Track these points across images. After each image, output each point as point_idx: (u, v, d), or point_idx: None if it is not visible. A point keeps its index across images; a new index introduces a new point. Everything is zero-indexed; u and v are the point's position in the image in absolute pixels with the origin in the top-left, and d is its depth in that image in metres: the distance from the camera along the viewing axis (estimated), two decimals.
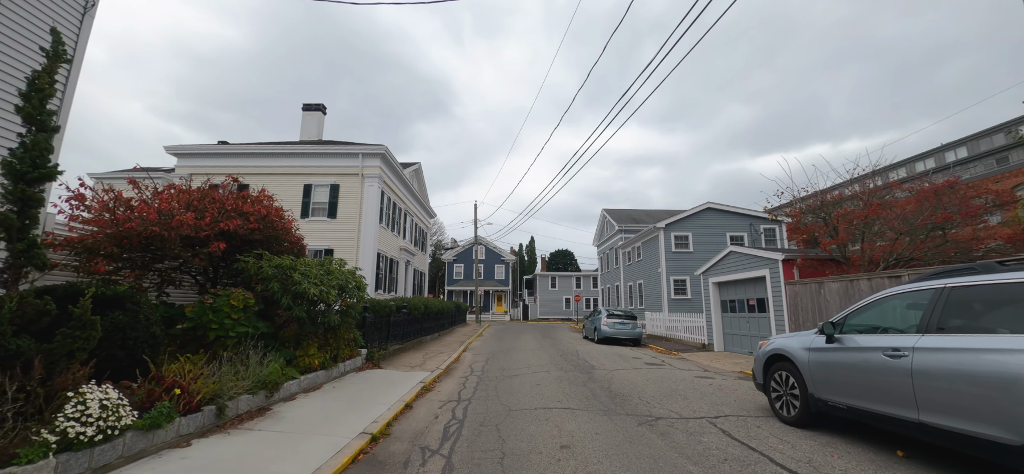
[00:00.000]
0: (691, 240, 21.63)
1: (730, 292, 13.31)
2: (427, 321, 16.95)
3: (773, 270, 10.87)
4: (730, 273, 12.96)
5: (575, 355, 12.63)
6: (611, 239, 32.74)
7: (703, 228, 21.83)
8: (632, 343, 16.69)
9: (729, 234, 21.89)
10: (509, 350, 14.31)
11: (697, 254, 21.51)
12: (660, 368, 10.07)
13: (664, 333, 19.01)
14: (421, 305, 15.24)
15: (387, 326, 11.78)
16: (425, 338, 16.38)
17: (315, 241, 19.60)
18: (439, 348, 14.62)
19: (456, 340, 17.92)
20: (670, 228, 21.72)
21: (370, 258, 19.40)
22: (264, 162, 20.53)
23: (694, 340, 15.66)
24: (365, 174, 20.12)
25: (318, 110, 22.84)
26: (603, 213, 34.90)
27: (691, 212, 21.90)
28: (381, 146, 20.16)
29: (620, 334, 16.13)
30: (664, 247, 21.49)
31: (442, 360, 11.73)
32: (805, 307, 9.70)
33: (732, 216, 22.09)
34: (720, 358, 11.94)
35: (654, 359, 11.93)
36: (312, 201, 20.12)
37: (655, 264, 22.70)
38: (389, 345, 11.83)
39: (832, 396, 4.45)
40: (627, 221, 30.93)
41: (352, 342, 9.05)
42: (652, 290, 23.32)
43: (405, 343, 13.48)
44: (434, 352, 13.46)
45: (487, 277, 49.43)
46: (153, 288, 7.11)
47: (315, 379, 7.45)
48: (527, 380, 8.60)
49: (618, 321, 16.35)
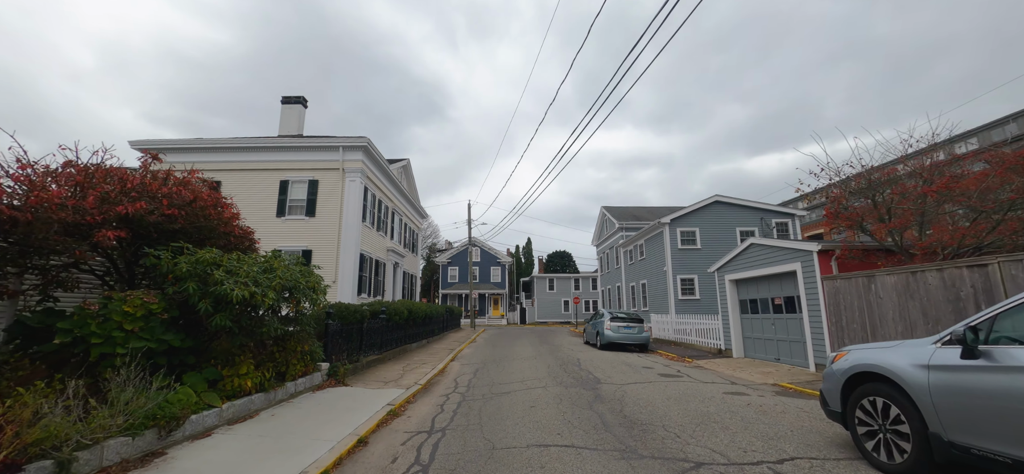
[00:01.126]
0: (699, 236, 20.12)
1: (751, 290, 11.77)
2: (412, 327, 15.34)
3: (806, 263, 9.34)
4: (751, 269, 11.43)
5: (577, 365, 11.05)
6: (611, 238, 31.23)
7: (711, 223, 20.33)
8: (639, 349, 15.13)
9: (739, 229, 20.40)
10: (502, 359, 12.72)
11: (705, 251, 20.00)
12: (678, 381, 8.50)
13: (672, 337, 17.47)
14: (404, 310, 13.64)
15: (359, 334, 10.18)
16: (410, 347, 14.78)
17: (291, 242, 18.01)
18: (424, 358, 13.02)
19: (445, 348, 16.32)
20: (676, 223, 20.21)
21: (351, 259, 17.80)
22: (237, 157, 18.92)
23: (708, 344, 14.11)
24: (346, 168, 18.55)
25: (298, 103, 21.24)
26: (602, 211, 33.39)
27: (698, 206, 20.40)
28: (363, 138, 18.60)
29: (626, 339, 14.56)
30: (669, 244, 19.98)
31: (424, 373, 10.14)
32: (849, 306, 8.16)
33: (742, 210, 20.60)
34: (743, 366, 10.39)
35: (668, 368, 10.36)
36: (289, 198, 18.52)
37: (660, 262, 21.17)
38: (362, 356, 10.22)
39: (982, 442, 2.89)
40: (628, 218, 29.42)
41: (307, 355, 7.45)
42: (657, 290, 21.78)
43: (384, 353, 11.88)
44: (417, 363, 11.86)
45: (483, 280, 47.80)
46: (33, 291, 5.49)
47: (249, 405, 5.85)
48: (520, 400, 7.02)
49: (623, 325, 14.78)
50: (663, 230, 20.41)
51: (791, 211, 20.69)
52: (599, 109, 10.00)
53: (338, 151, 18.65)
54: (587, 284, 46.54)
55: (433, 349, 15.62)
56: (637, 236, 24.42)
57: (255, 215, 18.60)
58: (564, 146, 12.11)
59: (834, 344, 8.54)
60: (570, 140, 12.02)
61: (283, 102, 21.50)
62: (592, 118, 8.68)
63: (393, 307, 12.88)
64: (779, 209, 20.64)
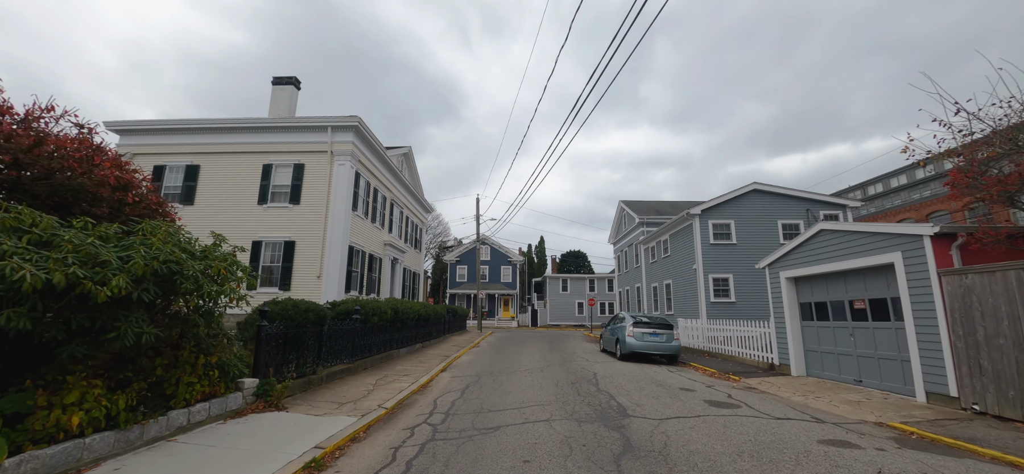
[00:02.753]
0: (734, 229, 17.49)
1: (817, 290, 9.23)
2: (401, 330, 13.21)
3: (912, 253, 6.83)
4: (819, 262, 8.90)
5: (593, 382, 8.70)
6: (630, 234, 28.65)
7: (749, 214, 17.66)
8: (667, 360, 12.66)
9: (781, 221, 17.69)
10: (503, 370, 10.45)
11: (742, 247, 17.36)
12: (738, 414, 6.10)
13: (703, 346, 14.93)
14: (387, 310, 11.50)
15: (318, 339, 8.05)
16: (397, 353, 12.65)
17: (273, 232, 16.14)
18: (410, 367, 10.85)
19: (440, 354, 14.14)
20: (707, 215, 17.61)
21: (338, 252, 15.81)
22: (217, 139, 17.17)
23: (753, 357, 11.57)
24: (335, 151, 16.59)
25: (290, 84, 19.34)
26: (621, 206, 30.81)
27: (733, 195, 17.76)
28: (354, 118, 16.62)
29: (651, 349, 12.11)
30: (700, 238, 17.40)
31: (399, 389, 7.96)
32: (991, 312, 5.64)
33: (784, 199, 17.88)
34: (813, 389, 7.90)
35: (714, 391, 7.93)
36: (272, 184, 16.66)
37: (688, 259, 18.59)
38: (321, 367, 8.09)
39: None
40: (649, 213, 26.82)
41: (213, 370, 5.32)
42: (684, 291, 19.19)
43: (358, 361, 9.75)
44: (398, 374, 9.69)
45: (492, 279, 45.61)
46: None
47: (76, 454, 3.72)
48: (511, 443, 4.75)
49: (648, 331, 12.34)
50: (692, 223, 17.84)
51: (843, 202, 17.87)
52: (608, 88, 7.70)
53: (326, 132, 16.72)
54: (603, 285, 43.90)
55: (425, 355, 13.45)
56: (660, 231, 21.85)
57: (235, 202, 16.81)
58: (567, 122, 9.81)
59: (960, 365, 6.03)
60: (573, 114, 9.70)
61: (274, 83, 19.69)
62: (593, 97, 6.44)
63: (372, 306, 10.75)
64: (829, 199, 17.85)
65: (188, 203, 16.57)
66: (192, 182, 16.81)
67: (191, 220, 16.87)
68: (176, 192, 16.72)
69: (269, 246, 16.04)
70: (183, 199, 16.60)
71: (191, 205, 16.56)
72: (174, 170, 17.04)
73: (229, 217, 16.27)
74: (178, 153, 17.17)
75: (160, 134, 17.31)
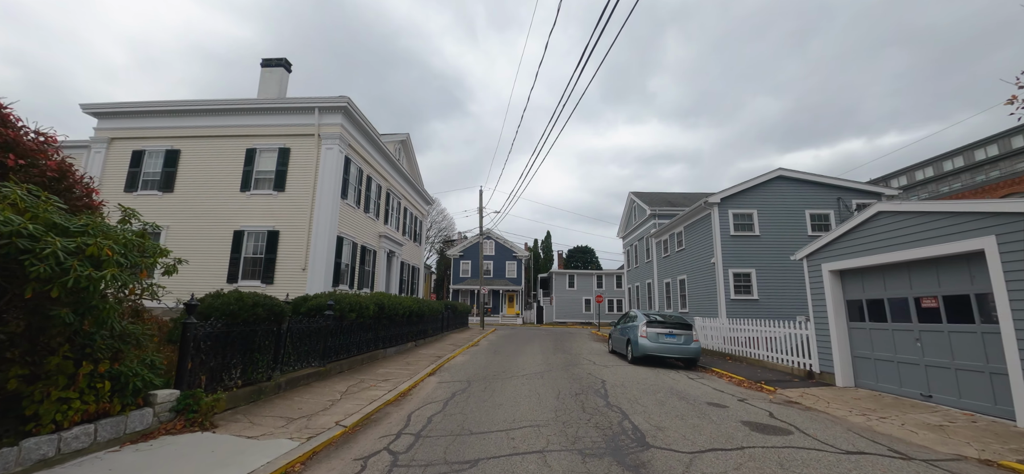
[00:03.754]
0: (756, 219, 15.95)
1: (870, 285, 7.75)
2: (389, 327, 11.97)
3: (1013, 236, 5.36)
4: (873, 252, 7.43)
5: (601, 393, 7.34)
6: (641, 227, 27.13)
7: (773, 203, 16.10)
8: (685, 364, 11.26)
9: (809, 211, 16.10)
10: (498, 375, 9.14)
11: (766, 239, 15.83)
12: (789, 442, 4.72)
13: (723, 347, 13.49)
14: (371, 305, 10.25)
15: (275, 340, 6.80)
16: (384, 352, 11.42)
17: (256, 221, 14.98)
18: (394, 369, 9.59)
19: (433, 354, 12.89)
20: (727, 204, 16.09)
21: (325, 242, 14.62)
22: (199, 122, 16.05)
23: (784, 362, 10.12)
24: (322, 134, 15.37)
25: (280, 66, 18.09)
26: (630, 197, 29.27)
27: (756, 182, 16.21)
28: (343, 98, 15.39)
29: (668, 351, 10.70)
30: (719, 229, 15.89)
31: (371, 399, 6.69)
32: None
33: (812, 187, 16.28)
34: (873, 405, 6.46)
35: (749, 406, 6.53)
36: (255, 170, 15.49)
37: (705, 252, 17.09)
38: (278, 373, 6.85)
39: None
40: (661, 204, 25.27)
41: (103, 382, 4.06)
42: (701, 288, 17.70)
43: (333, 363, 8.52)
44: (377, 378, 8.43)
45: (497, 275, 44.34)
46: None
47: None
48: None
49: (663, 331, 10.93)
50: (710, 212, 16.32)
51: (879, 190, 16.23)
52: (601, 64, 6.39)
53: (313, 114, 15.50)
54: (611, 282, 42.39)
55: (415, 356, 12.19)
56: (674, 223, 20.34)
57: (216, 190, 15.65)
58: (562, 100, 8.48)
59: None
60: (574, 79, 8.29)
61: (263, 65, 18.48)
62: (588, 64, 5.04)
63: (351, 301, 9.49)
64: (864, 186, 16.22)
65: (167, 190, 15.51)
66: (172, 168, 15.72)
67: (170, 209, 15.80)
68: (155, 179, 15.66)
69: (252, 236, 14.89)
70: (162, 186, 15.54)
71: (171, 192, 15.49)
72: (153, 155, 15.95)
73: (210, 205, 15.18)
74: (158, 137, 16.08)
75: (140, 117, 16.23)
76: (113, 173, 15.96)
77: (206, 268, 14.58)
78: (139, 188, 15.71)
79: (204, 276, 14.44)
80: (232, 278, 14.50)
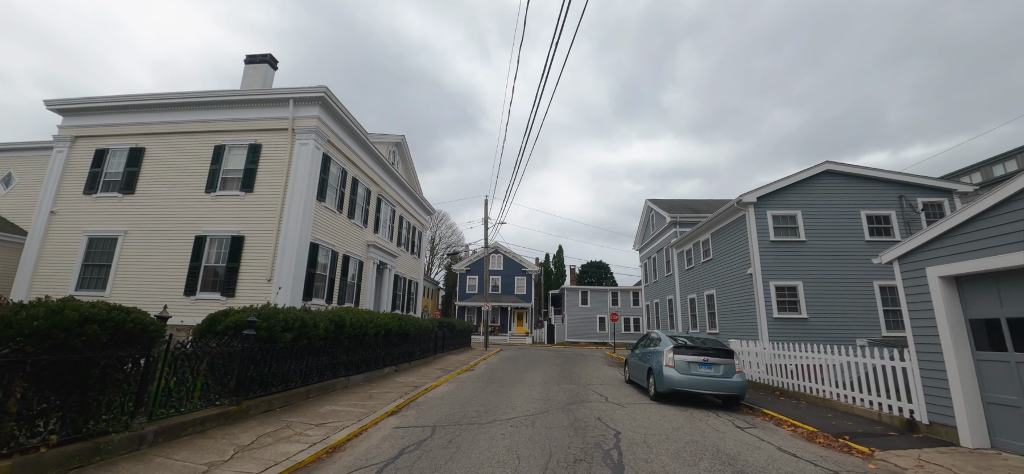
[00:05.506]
0: (801, 221, 13.38)
1: (1011, 297, 5.26)
2: (355, 349, 9.82)
3: None
4: (1018, 247, 4.98)
5: (612, 454, 4.98)
6: (660, 237, 24.58)
7: (820, 202, 13.53)
8: (724, 403, 8.72)
9: (865, 212, 13.46)
10: (474, 419, 6.83)
11: (813, 245, 13.22)
12: None
13: (764, 378, 10.91)
14: (321, 322, 8.13)
15: (143, 370, 4.69)
16: (348, 381, 9.24)
17: (221, 225, 13.17)
18: (344, 407, 7.36)
19: (411, 383, 10.65)
20: (765, 203, 13.57)
21: (295, 249, 12.69)
22: (166, 117, 14.50)
23: (866, 405, 7.53)
24: (297, 128, 13.60)
25: (264, 63, 16.52)
26: (648, 205, 26.79)
27: (799, 177, 13.67)
28: (320, 88, 13.64)
29: (703, 386, 8.20)
30: (756, 233, 13.37)
31: (277, 457, 4.48)
32: None
33: (868, 183, 13.65)
34: None
35: None
36: (223, 169, 13.76)
37: (739, 262, 14.54)
38: (153, 417, 4.71)
39: None
40: (683, 211, 22.75)
41: None
42: (734, 304, 15.08)
43: (253, 400, 6.38)
44: (310, 422, 6.22)
45: (505, 291, 41.99)
46: None
47: None
48: None
49: (695, 359, 8.45)
50: (745, 213, 13.82)
51: (950, 186, 13.51)
52: None
53: (288, 106, 13.76)
54: (627, 299, 39.56)
55: (387, 386, 9.96)
56: (699, 229, 17.83)
57: (181, 191, 13.88)
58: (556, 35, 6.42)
59: None
60: None
61: (247, 62, 16.98)
62: None
63: (289, 318, 7.38)
64: (932, 182, 13.54)
65: (128, 192, 13.88)
66: (135, 168, 14.11)
67: (129, 212, 14.09)
68: (116, 180, 14.09)
69: (215, 242, 13.06)
70: (124, 188, 13.94)
71: (132, 194, 13.87)
72: (116, 154, 14.41)
73: (173, 207, 13.48)
74: (123, 134, 14.57)
75: (105, 113, 14.78)
76: (74, 175, 14.49)
77: (164, 278, 12.82)
78: (98, 190, 14.14)
79: (161, 288, 12.66)
80: (190, 290, 12.64)
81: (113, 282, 13.17)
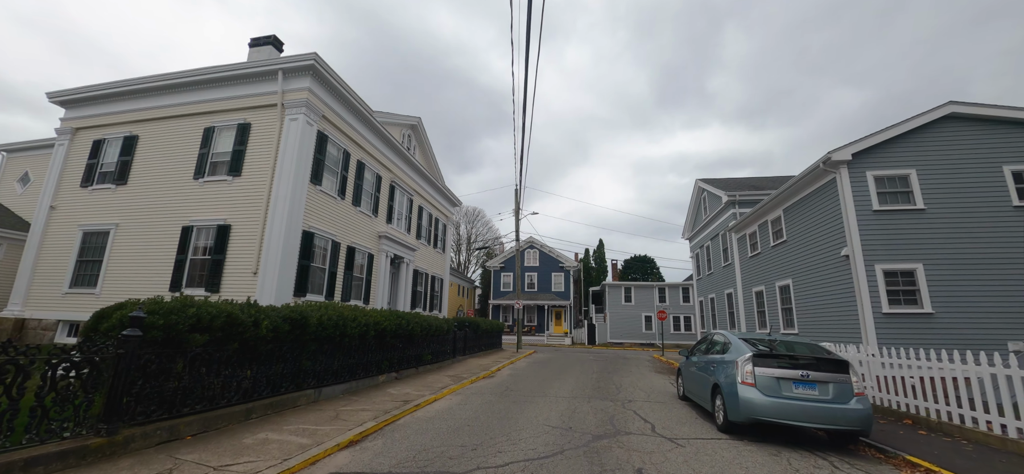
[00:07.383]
0: (916, 183, 9.97)
1: None
2: (334, 355, 7.89)
3: None
4: None
5: None
6: (715, 222, 21.16)
7: (943, 157, 10.03)
8: (834, 441, 5.86)
9: (1010, 168, 9.82)
10: (458, 458, 4.56)
11: (935, 213, 9.80)
12: None
13: (871, 396, 7.81)
14: (262, 321, 6.21)
15: None
16: (318, 393, 7.31)
17: (207, 213, 11.82)
18: (277, 436, 5.28)
19: (403, 396, 8.58)
20: (863, 161, 10.25)
21: (283, 237, 11.07)
22: (158, 101, 13.48)
23: None
24: (286, 103, 12.03)
25: (268, 45, 15.21)
26: (699, 186, 23.33)
27: (912, 124, 10.23)
28: (310, 55, 11.97)
29: (804, 417, 5.40)
30: (853, 202, 10.11)
31: None
32: None
33: (1011, 127, 10.00)
34: None
35: None
36: (211, 152, 12.48)
37: (828, 241, 11.27)
38: None
39: None
40: (743, 189, 19.27)
41: None
42: (819, 297, 11.78)
43: (141, 426, 4.50)
44: (217, 460, 4.19)
45: (542, 288, 39.53)
46: None
47: None
48: None
49: (790, 374, 5.67)
50: (835, 176, 10.56)
51: None
52: None
53: (276, 79, 12.21)
54: (676, 295, 35.83)
55: (374, 399, 7.91)
56: (766, 206, 14.52)
57: (171, 178, 12.60)
58: None
59: None
60: None
61: (251, 45, 15.76)
62: None
63: (205, 313, 5.47)
64: None
65: (122, 182, 12.96)
66: (128, 157, 13.17)
67: (123, 203, 13.09)
68: (110, 170, 13.23)
69: (201, 232, 11.75)
70: (117, 178, 13.03)
71: (125, 185, 12.93)
72: (111, 144, 13.59)
73: (162, 197, 12.36)
74: (118, 123, 13.74)
75: (102, 102, 14.01)
76: (74, 168, 13.87)
77: (152, 272, 11.71)
78: (95, 182, 13.37)
79: (149, 283, 11.50)
80: (176, 285, 11.37)
81: (103, 279, 12.23)
